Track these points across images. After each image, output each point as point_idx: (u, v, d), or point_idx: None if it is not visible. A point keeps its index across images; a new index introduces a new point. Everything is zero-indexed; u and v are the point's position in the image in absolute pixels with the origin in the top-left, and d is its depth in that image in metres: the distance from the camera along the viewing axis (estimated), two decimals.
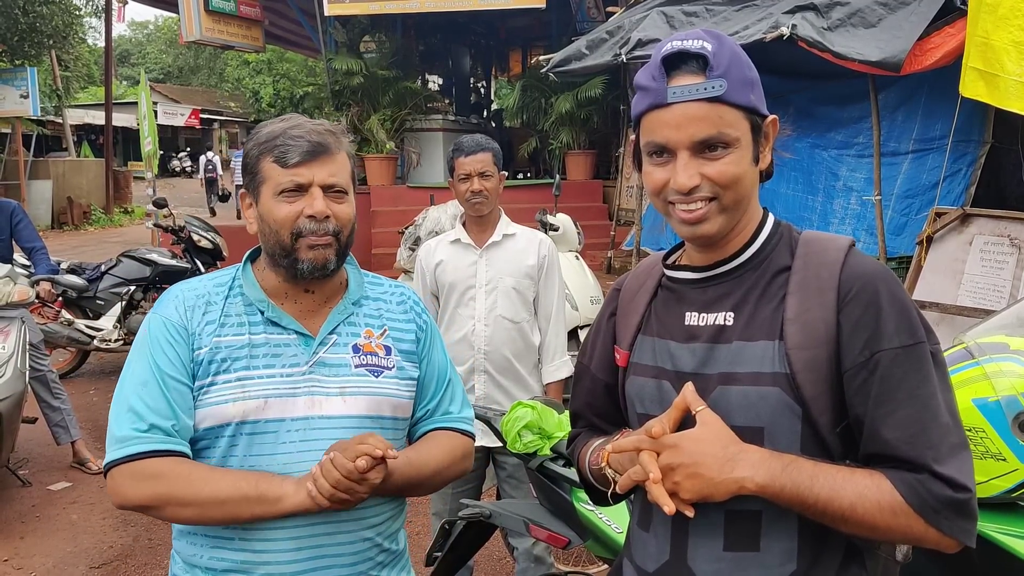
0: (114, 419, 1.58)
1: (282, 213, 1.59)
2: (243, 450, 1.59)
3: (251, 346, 1.62)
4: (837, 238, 1.36)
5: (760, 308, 1.33)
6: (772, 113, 1.36)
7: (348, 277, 1.78)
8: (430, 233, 5.80)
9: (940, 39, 5.61)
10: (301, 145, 1.59)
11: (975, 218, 5.57)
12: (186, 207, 20.59)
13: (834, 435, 1.28)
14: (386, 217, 10.94)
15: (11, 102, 18.70)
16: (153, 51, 52.32)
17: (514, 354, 3.24)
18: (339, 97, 11.92)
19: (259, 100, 34.04)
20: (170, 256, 8.05)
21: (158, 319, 1.63)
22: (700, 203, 1.31)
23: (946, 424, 1.22)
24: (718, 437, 1.25)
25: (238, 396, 1.58)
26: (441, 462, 1.75)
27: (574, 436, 1.67)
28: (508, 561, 4.01)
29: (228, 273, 1.72)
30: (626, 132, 10.77)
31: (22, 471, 5.41)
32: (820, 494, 1.21)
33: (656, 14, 7.61)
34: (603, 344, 1.57)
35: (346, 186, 1.65)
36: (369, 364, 1.69)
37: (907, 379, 1.23)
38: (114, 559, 4.34)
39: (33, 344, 5.10)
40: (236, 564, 1.59)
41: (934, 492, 1.19)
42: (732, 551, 1.32)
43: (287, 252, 1.61)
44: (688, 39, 1.30)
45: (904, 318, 1.26)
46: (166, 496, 1.52)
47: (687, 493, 1.23)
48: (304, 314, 1.69)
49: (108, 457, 1.55)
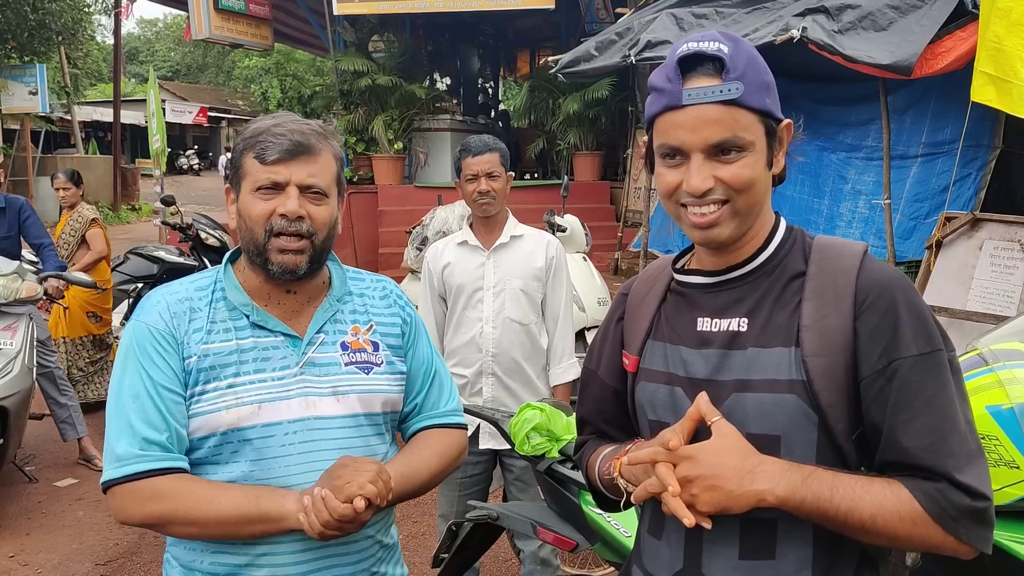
0: (111, 434, 1.55)
1: (256, 210, 1.57)
2: (244, 456, 1.56)
3: (239, 351, 1.60)
4: (852, 243, 1.35)
5: (775, 314, 1.32)
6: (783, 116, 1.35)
7: (331, 274, 1.76)
8: (437, 233, 5.80)
9: (952, 43, 5.58)
10: (282, 143, 1.56)
11: (985, 223, 5.55)
12: (194, 205, 20.64)
13: (850, 443, 1.27)
14: (393, 216, 10.94)
15: (20, 98, 18.79)
16: (162, 49, 52.49)
17: (522, 356, 3.22)
18: (347, 97, 11.92)
19: (267, 99, 34.01)
20: (177, 254, 8.05)
21: (143, 327, 1.59)
22: (713, 206, 1.29)
23: (964, 432, 1.22)
24: (737, 449, 1.24)
25: (231, 403, 1.56)
26: (434, 467, 1.74)
27: (581, 443, 1.65)
28: (515, 563, 4.00)
29: (208, 276, 1.69)
30: (634, 133, 10.75)
31: (28, 467, 5.42)
32: (840, 505, 1.20)
33: (666, 16, 7.59)
34: (611, 349, 1.55)
35: (326, 188, 1.61)
36: (359, 361, 1.69)
37: (925, 387, 1.22)
38: (120, 556, 4.35)
39: (40, 341, 5.11)
40: (238, 568, 1.57)
41: (953, 501, 1.19)
42: (748, 559, 1.31)
43: (260, 251, 1.59)
44: (704, 40, 1.28)
45: (921, 325, 1.25)
46: (168, 516, 1.51)
47: (705, 506, 1.22)
48: (289, 315, 1.67)
49: (106, 475, 1.53)
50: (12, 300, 4.73)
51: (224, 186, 1.75)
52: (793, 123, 1.36)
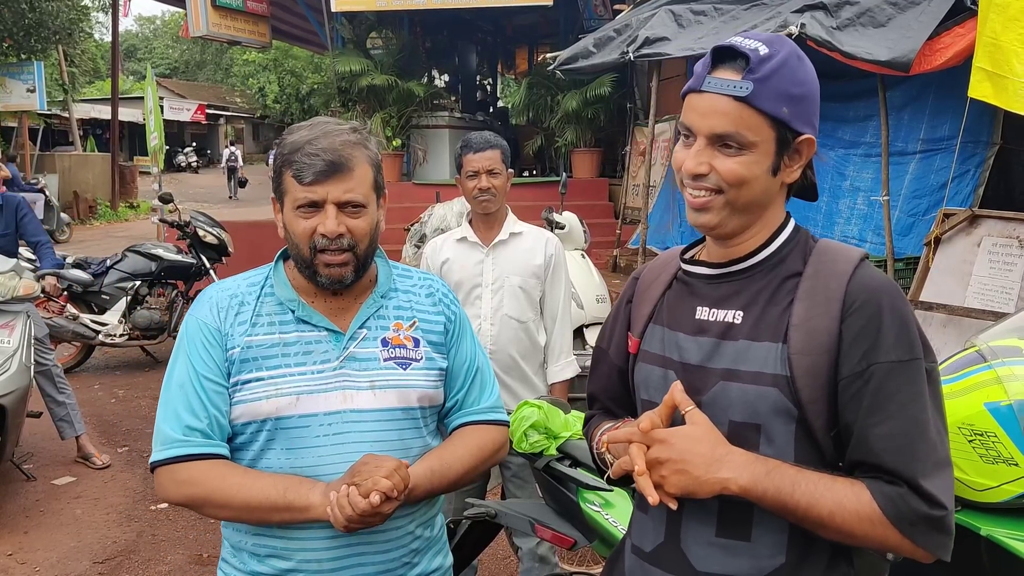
0: (160, 418, 1.67)
1: (299, 228, 1.65)
2: (280, 444, 1.65)
3: (283, 344, 1.68)
4: (851, 250, 1.39)
5: (768, 310, 1.36)
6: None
7: (377, 271, 1.82)
8: (436, 230, 5.79)
9: (950, 39, 5.57)
10: (315, 164, 1.61)
11: (983, 219, 5.54)
12: (192, 202, 20.64)
13: (828, 438, 1.32)
14: (392, 214, 10.66)
15: (18, 96, 18.79)
16: (159, 46, 52.46)
17: (520, 353, 3.22)
18: (345, 95, 11.91)
19: (264, 96, 34.09)
20: (175, 251, 8.06)
21: (194, 321, 1.71)
22: (704, 192, 1.35)
23: (933, 440, 1.26)
24: (707, 437, 1.30)
25: (271, 393, 1.65)
26: (468, 463, 1.78)
27: (589, 417, 1.73)
28: (513, 560, 4.00)
29: (262, 272, 1.79)
30: (633, 130, 10.75)
31: (27, 465, 5.42)
32: (800, 500, 1.26)
33: (664, 12, 7.59)
34: (619, 330, 1.62)
35: (364, 199, 1.67)
36: (397, 357, 1.75)
37: (899, 393, 1.26)
38: (117, 554, 4.34)
39: (38, 338, 5.10)
40: (276, 550, 1.67)
41: (911, 506, 1.23)
42: (724, 538, 1.37)
43: (307, 264, 1.67)
44: (750, 38, 1.33)
45: (903, 333, 1.29)
46: (202, 499, 1.62)
47: (672, 487, 1.28)
48: (334, 311, 1.74)
49: (153, 456, 1.65)
50: (9, 298, 4.72)
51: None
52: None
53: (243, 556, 1.70)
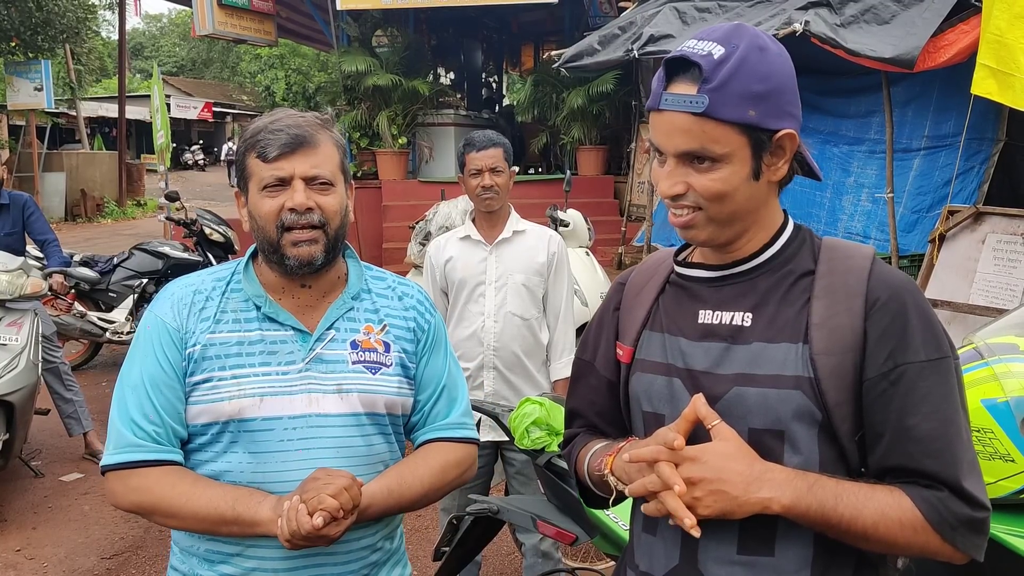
0: (112, 419, 1.61)
1: (266, 208, 1.58)
2: (243, 447, 1.58)
3: (246, 343, 1.61)
4: (860, 246, 1.36)
5: (782, 310, 1.31)
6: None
7: (348, 270, 1.75)
8: (440, 228, 5.80)
9: (954, 36, 5.56)
10: (280, 138, 1.57)
11: (988, 216, 5.53)
12: (198, 200, 20.66)
13: (852, 443, 1.27)
14: (397, 212, 10.94)
15: (25, 95, 18.83)
16: (166, 44, 52.53)
17: (523, 351, 3.24)
18: (351, 93, 11.93)
19: (272, 94, 34.03)
20: (182, 249, 8.08)
21: (153, 318, 1.64)
22: (685, 211, 1.30)
23: (966, 441, 1.23)
24: (741, 453, 1.22)
25: (234, 393, 1.58)
26: (428, 484, 1.69)
27: (571, 436, 1.62)
28: (516, 556, 4.02)
29: (229, 268, 1.72)
30: (638, 128, 10.74)
31: (35, 462, 5.46)
32: (844, 514, 1.20)
33: (668, 10, 7.58)
34: (607, 340, 1.52)
35: (332, 177, 1.61)
36: (367, 361, 1.67)
37: (932, 394, 1.22)
38: (125, 550, 4.38)
39: (46, 336, 5.13)
40: (228, 556, 1.60)
41: (953, 510, 1.20)
42: (746, 555, 1.29)
43: (275, 248, 1.60)
44: (701, 41, 1.26)
45: (931, 332, 1.25)
46: (150, 507, 1.56)
47: (706, 509, 1.20)
48: (302, 309, 1.67)
49: (103, 460, 1.59)
50: (17, 296, 4.75)
51: (228, 183, 1.77)
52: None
53: (192, 562, 1.64)
